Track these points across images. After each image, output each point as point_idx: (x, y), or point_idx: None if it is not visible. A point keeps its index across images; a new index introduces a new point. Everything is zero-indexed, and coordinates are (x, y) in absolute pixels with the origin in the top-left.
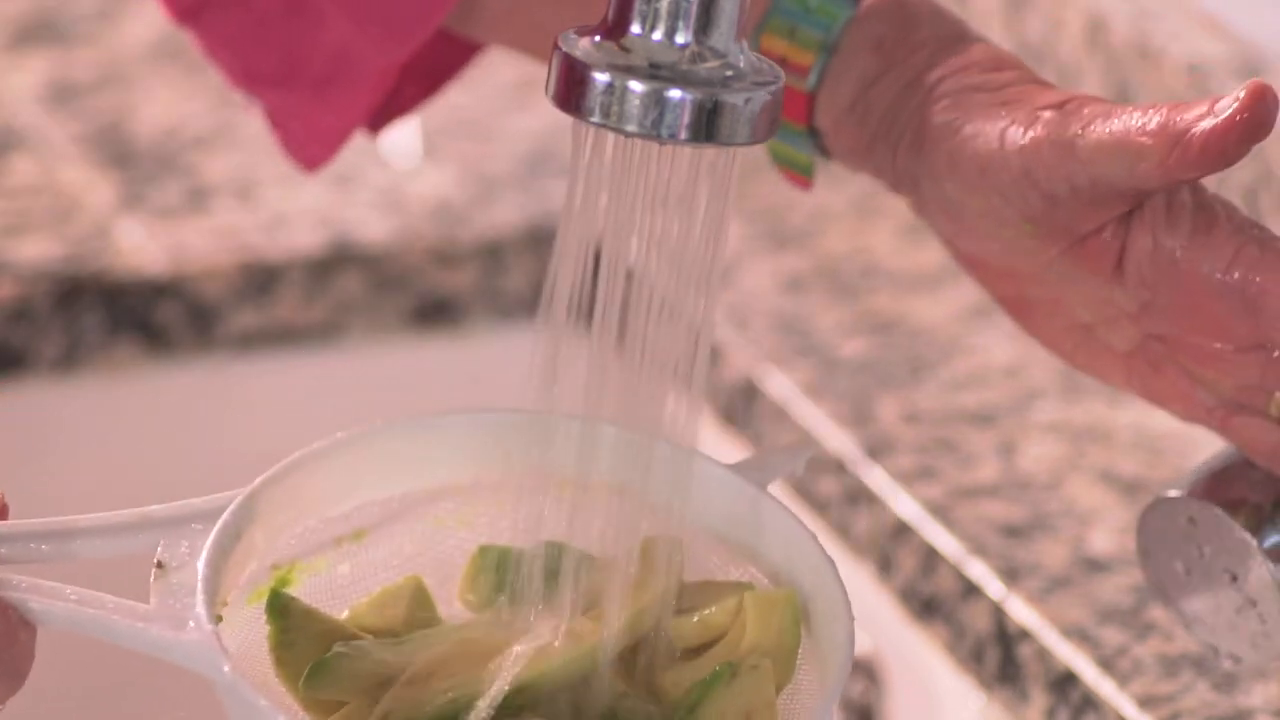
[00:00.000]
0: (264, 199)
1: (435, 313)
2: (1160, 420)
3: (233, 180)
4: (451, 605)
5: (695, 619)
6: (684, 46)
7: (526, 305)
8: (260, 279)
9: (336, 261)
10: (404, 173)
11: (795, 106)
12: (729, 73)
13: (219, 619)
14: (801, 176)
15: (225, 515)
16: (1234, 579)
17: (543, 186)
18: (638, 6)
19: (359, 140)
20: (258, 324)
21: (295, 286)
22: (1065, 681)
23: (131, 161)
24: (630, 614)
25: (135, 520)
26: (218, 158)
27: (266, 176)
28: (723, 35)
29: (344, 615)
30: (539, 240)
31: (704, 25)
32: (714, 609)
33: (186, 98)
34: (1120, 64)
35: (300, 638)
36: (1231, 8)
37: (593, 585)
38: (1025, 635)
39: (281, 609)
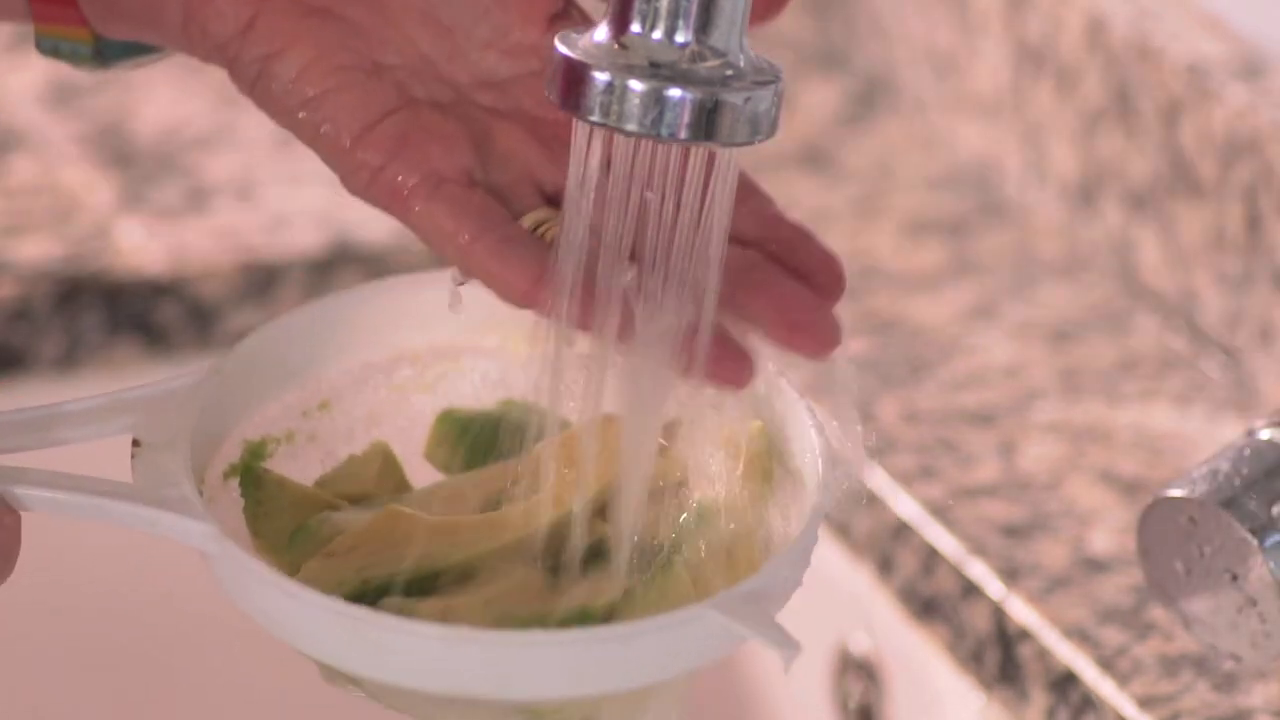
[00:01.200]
0: (264, 199)
1: None
2: (1160, 420)
3: (233, 180)
4: (416, 468)
5: (662, 456)
6: (684, 45)
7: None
8: (260, 279)
9: (336, 261)
10: None
11: None
12: (729, 72)
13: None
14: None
15: (197, 391)
16: (1234, 578)
17: None
18: (637, 5)
19: None
20: (258, 324)
21: (295, 286)
22: (1065, 681)
23: (131, 161)
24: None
25: (110, 404)
26: (218, 158)
27: (266, 176)
28: (723, 34)
29: (313, 483)
30: None
31: (704, 24)
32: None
33: (186, 98)
34: (1120, 64)
35: (274, 508)
36: (1231, 8)
37: (565, 440)
38: (1025, 635)
39: (255, 481)
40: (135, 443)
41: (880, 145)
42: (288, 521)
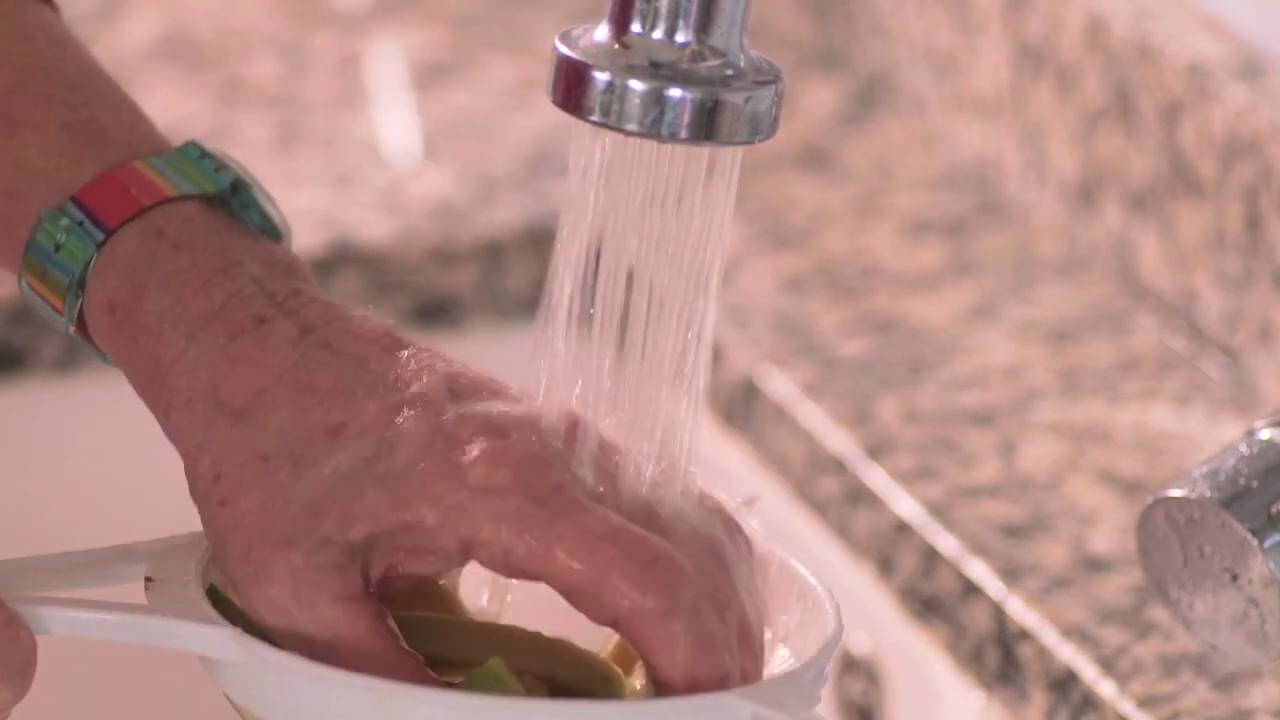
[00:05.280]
0: None
1: (435, 313)
2: (1160, 420)
3: None
4: None
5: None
6: (684, 45)
7: (526, 306)
8: None
9: (336, 261)
10: (404, 173)
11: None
12: (729, 71)
13: None
14: None
15: (203, 542)
16: (1235, 578)
17: (543, 186)
18: (638, 5)
19: (359, 140)
20: None
21: None
22: (1065, 681)
23: None
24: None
25: (119, 554)
26: None
27: (266, 176)
28: (723, 34)
29: None
30: (539, 240)
31: (704, 24)
32: None
33: (186, 98)
34: (1120, 64)
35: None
36: (1231, 8)
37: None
38: (1025, 635)
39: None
40: (148, 579)
41: (880, 145)
42: None
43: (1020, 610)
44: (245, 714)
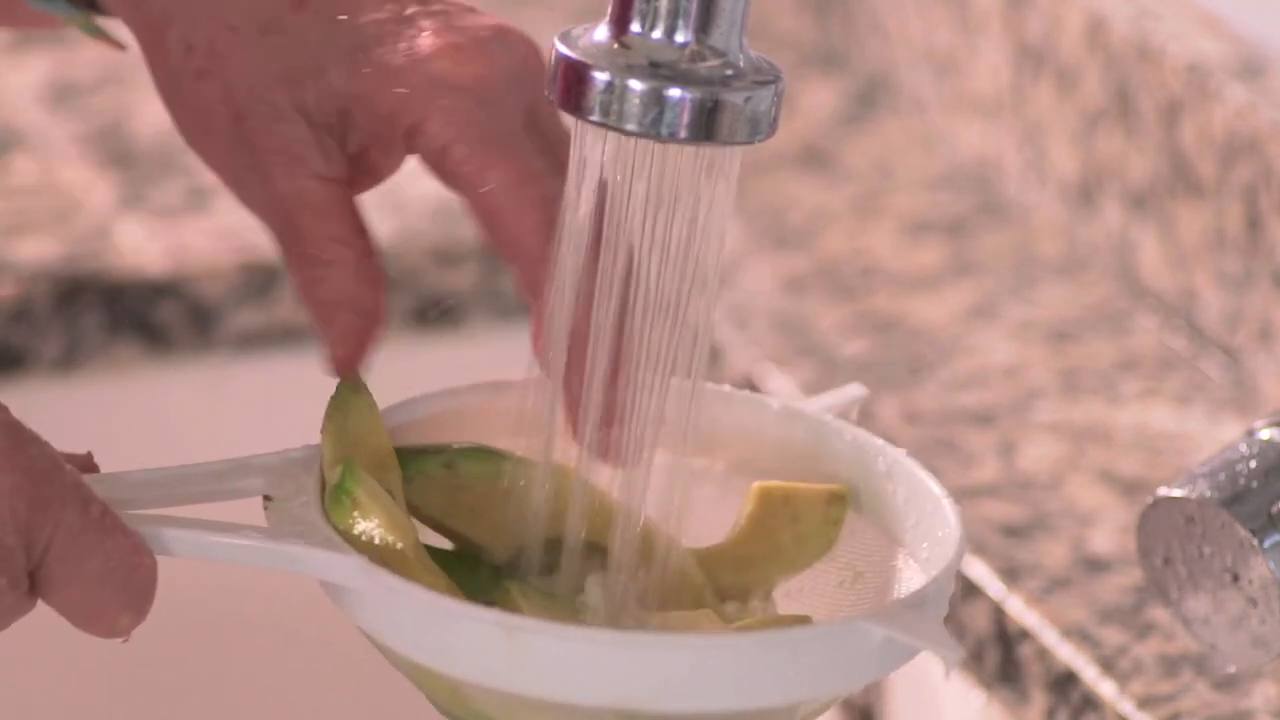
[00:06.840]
0: None
1: (435, 313)
2: (1160, 420)
3: None
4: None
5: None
6: (684, 45)
7: (526, 306)
8: (260, 279)
9: None
10: (404, 173)
11: None
12: (729, 71)
13: None
14: (108, 38)
15: (319, 456)
16: (1235, 579)
17: None
18: (637, 5)
19: None
20: (258, 324)
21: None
22: (1065, 681)
23: (131, 161)
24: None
25: (235, 467)
26: None
27: None
28: (723, 34)
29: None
30: None
31: (704, 24)
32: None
33: None
34: (1120, 64)
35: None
36: (1231, 8)
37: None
38: (1025, 635)
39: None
40: (267, 498)
41: (880, 145)
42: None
43: (1020, 610)
44: (368, 635)
